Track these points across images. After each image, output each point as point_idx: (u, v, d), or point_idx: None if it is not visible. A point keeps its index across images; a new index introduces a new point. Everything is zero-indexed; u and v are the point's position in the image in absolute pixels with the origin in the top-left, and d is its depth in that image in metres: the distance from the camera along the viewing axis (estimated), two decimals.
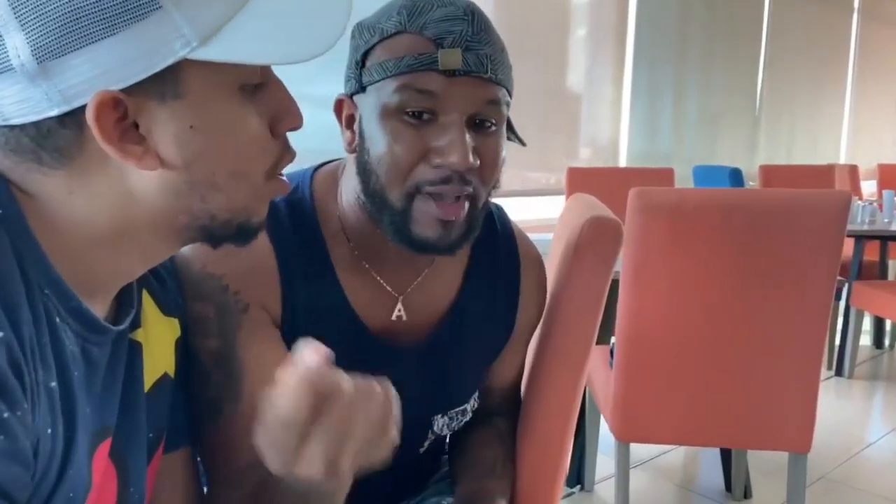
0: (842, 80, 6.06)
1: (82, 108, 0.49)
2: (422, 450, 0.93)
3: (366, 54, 0.74)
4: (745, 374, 1.66)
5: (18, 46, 0.48)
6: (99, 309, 0.57)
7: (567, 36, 3.71)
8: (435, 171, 0.71)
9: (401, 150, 0.71)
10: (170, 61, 0.49)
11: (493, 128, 0.75)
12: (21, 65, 0.48)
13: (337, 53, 0.60)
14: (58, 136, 0.50)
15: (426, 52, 0.70)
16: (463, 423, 0.93)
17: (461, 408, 0.91)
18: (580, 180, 3.15)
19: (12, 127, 0.51)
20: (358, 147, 0.76)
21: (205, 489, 0.78)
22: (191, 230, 0.56)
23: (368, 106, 0.74)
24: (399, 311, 0.84)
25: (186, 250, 0.76)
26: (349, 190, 0.80)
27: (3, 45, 0.48)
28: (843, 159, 5.97)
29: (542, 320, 0.96)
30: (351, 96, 0.77)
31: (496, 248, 0.91)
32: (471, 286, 0.88)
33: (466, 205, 0.74)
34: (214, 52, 0.50)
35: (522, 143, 0.83)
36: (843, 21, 5.93)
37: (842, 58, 6.01)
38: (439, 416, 0.90)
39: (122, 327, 0.60)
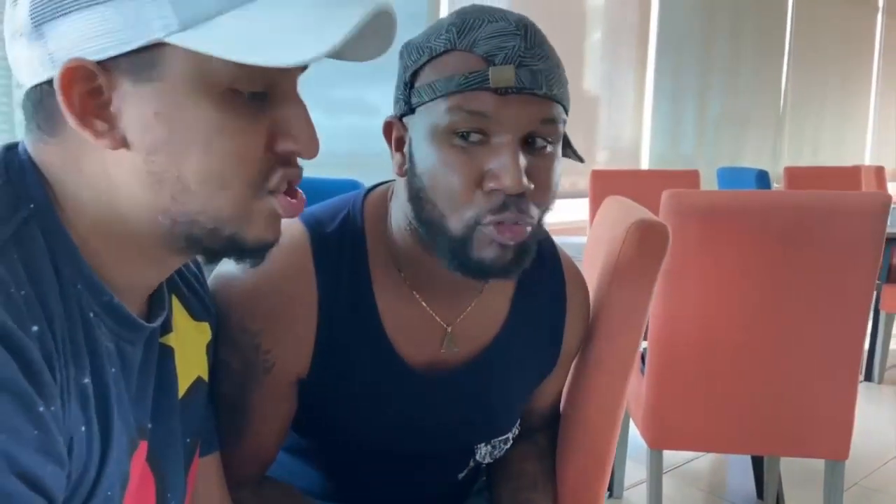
0: (867, 80, 5.98)
1: None
2: (461, 476, 0.91)
3: (415, 74, 0.71)
4: (781, 379, 1.62)
5: (21, 6, 0.50)
6: (130, 308, 0.56)
7: (589, 38, 3.68)
8: (491, 199, 0.68)
9: (455, 179, 0.68)
10: (144, 41, 0.48)
11: (549, 147, 0.71)
12: (24, 26, 0.50)
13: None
14: (49, 103, 0.51)
15: (477, 70, 0.67)
16: (504, 450, 0.91)
17: (504, 437, 0.89)
18: (604, 183, 3.12)
19: (27, 91, 0.52)
20: (409, 172, 0.73)
21: None
22: (177, 237, 0.53)
23: (418, 128, 0.71)
24: (448, 342, 0.81)
25: (230, 294, 0.75)
26: (399, 215, 0.77)
27: (17, 6, 0.51)
28: (868, 160, 5.89)
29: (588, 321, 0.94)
30: (400, 118, 0.74)
31: (542, 274, 0.88)
32: (517, 314, 0.86)
33: (528, 229, 0.70)
34: (190, 40, 0.48)
35: (581, 159, 0.80)
36: (868, 20, 5.86)
37: (866, 57, 5.94)
38: (483, 444, 0.88)
39: (155, 325, 0.59)
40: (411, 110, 0.71)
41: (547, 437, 0.96)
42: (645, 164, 3.99)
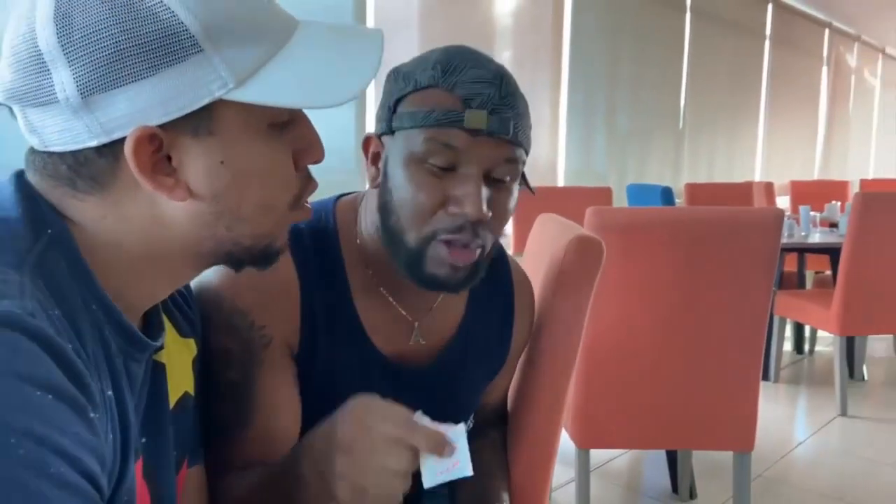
0: (755, 102, 6.44)
1: (119, 141, 0.52)
2: None
3: (399, 101, 0.79)
4: (693, 379, 1.77)
5: (65, 81, 0.51)
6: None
7: (506, 59, 3.84)
8: (451, 219, 0.76)
9: (422, 198, 0.76)
10: (206, 101, 0.52)
11: (507, 183, 0.80)
12: (66, 98, 0.51)
13: None
14: (94, 166, 0.54)
15: (454, 110, 0.75)
16: None
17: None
18: (526, 199, 3.24)
19: (51, 153, 0.54)
20: (382, 185, 0.80)
21: None
22: (217, 255, 0.60)
23: (396, 149, 0.78)
24: (416, 335, 0.89)
25: (216, 282, 0.80)
26: (369, 221, 0.84)
27: (50, 79, 0.51)
28: (757, 177, 6.33)
29: (532, 332, 1.03)
30: (379, 136, 0.82)
31: (493, 274, 0.95)
32: (473, 311, 0.94)
33: (477, 252, 0.79)
34: (249, 95, 0.53)
35: (532, 190, 0.89)
36: (756, 47, 6.33)
37: (755, 82, 6.40)
38: None
39: (158, 343, 0.62)
40: (391, 131, 0.79)
41: (499, 432, 1.04)
42: (561, 181, 4.17)
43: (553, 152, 4.13)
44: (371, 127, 0.85)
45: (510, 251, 3.36)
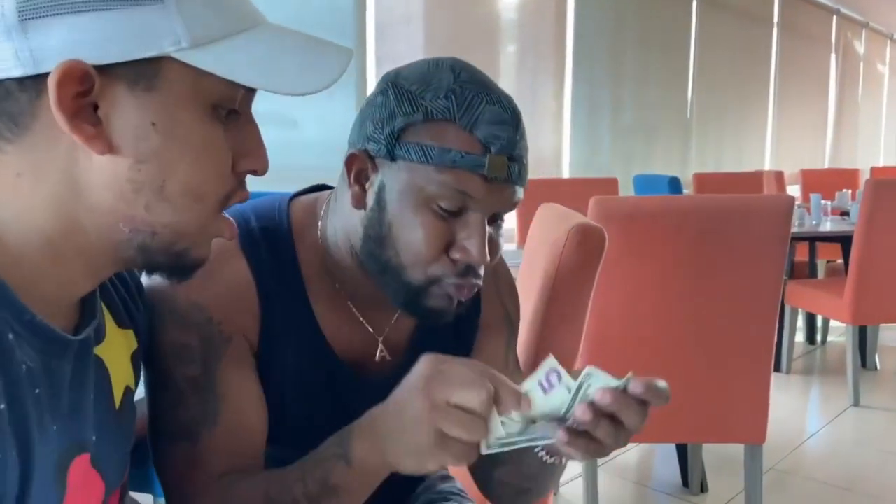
0: (764, 90, 6.38)
1: (45, 75, 0.47)
2: None
3: (405, 128, 0.72)
4: (703, 371, 1.74)
5: (11, 1, 0.47)
6: (59, 320, 0.54)
7: (511, 51, 3.81)
8: (455, 266, 0.74)
9: (429, 242, 0.72)
10: (153, 53, 0.49)
11: (502, 220, 0.78)
12: (2, 15, 0.47)
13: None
14: (14, 100, 0.49)
15: (474, 153, 0.70)
16: None
17: None
18: (531, 191, 3.20)
19: None
20: (373, 212, 0.75)
21: (160, 501, 0.78)
22: (130, 246, 0.54)
23: (397, 180, 0.73)
24: (382, 351, 0.85)
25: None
26: (338, 230, 0.79)
27: None
28: (767, 166, 6.27)
29: (534, 320, 1.00)
30: (370, 156, 0.74)
31: None
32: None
33: (476, 287, 0.76)
34: (202, 60, 0.50)
35: None
36: (765, 35, 6.26)
37: (763, 69, 6.34)
38: None
39: (82, 337, 0.57)
40: (391, 158, 0.72)
41: None
42: (566, 173, 4.14)
43: (558, 144, 4.09)
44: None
45: (513, 245, 3.32)
